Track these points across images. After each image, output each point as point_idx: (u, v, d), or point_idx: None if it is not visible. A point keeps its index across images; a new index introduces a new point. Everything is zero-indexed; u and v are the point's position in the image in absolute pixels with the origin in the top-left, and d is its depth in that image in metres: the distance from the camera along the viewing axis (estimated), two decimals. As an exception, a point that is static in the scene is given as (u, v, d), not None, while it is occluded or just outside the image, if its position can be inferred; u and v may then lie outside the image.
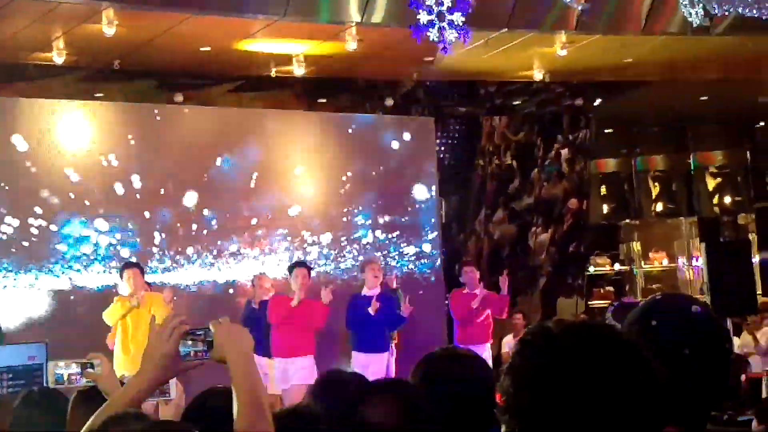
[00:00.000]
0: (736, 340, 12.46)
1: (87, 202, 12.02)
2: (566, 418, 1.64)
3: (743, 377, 10.80)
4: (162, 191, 12.46)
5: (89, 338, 10.29)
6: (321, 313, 11.09)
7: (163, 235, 12.41)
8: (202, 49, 12.21)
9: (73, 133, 12.03)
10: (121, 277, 10.79)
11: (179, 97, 13.30)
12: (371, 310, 11.29)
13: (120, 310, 10.55)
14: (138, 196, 12.29)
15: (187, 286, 12.48)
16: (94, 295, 11.78)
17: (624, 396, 1.65)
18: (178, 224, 12.52)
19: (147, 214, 12.31)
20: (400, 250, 13.90)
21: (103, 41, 11.20)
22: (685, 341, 2.14)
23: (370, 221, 13.73)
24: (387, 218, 13.85)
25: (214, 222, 12.73)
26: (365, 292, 11.60)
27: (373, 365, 11.11)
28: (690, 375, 2.12)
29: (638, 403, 1.65)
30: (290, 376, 10.82)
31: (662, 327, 2.20)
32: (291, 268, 11.42)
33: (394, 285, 12.15)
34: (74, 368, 3.38)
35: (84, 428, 2.75)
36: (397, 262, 13.65)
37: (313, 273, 11.70)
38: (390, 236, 13.86)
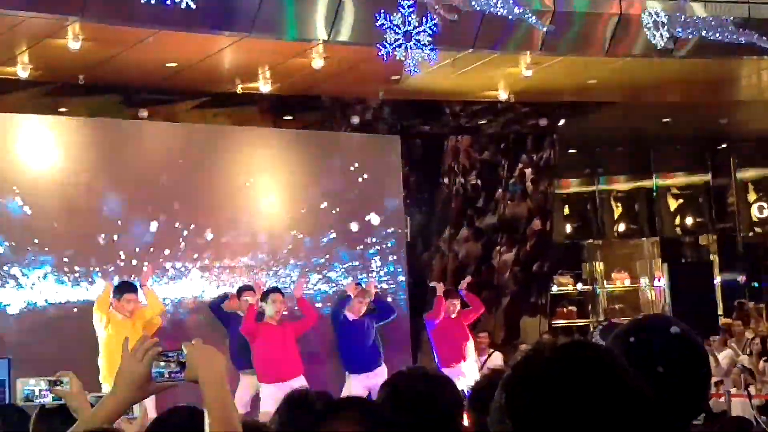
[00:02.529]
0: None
1: (48, 217, 11.90)
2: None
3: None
4: (125, 207, 12.37)
5: (55, 355, 10.22)
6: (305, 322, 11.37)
7: (126, 252, 12.30)
8: (167, 65, 12.17)
9: (36, 148, 11.92)
10: (119, 298, 10.95)
11: (144, 113, 13.25)
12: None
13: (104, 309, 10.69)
14: (103, 211, 12.19)
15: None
16: (57, 310, 11.68)
17: (616, 418, 1.67)
18: (142, 240, 12.43)
19: (110, 231, 12.20)
20: (365, 268, 13.88)
21: (68, 56, 11.16)
22: (660, 359, 2.17)
23: (334, 239, 13.71)
24: (351, 236, 13.83)
25: (179, 238, 12.65)
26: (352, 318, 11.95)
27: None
28: (663, 393, 2.16)
29: (628, 426, 1.68)
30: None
31: (639, 344, 2.25)
32: (265, 294, 11.54)
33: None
34: (43, 385, 3.35)
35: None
36: (360, 280, 13.60)
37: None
38: (354, 254, 13.83)
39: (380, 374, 11.33)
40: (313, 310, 12.05)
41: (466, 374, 11.80)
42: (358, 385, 11.40)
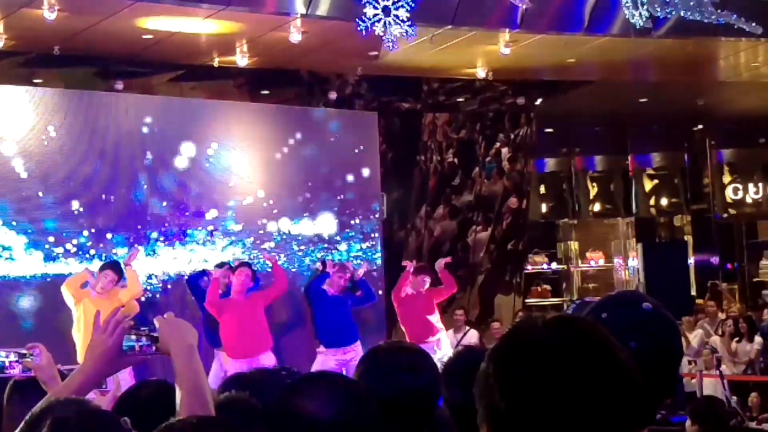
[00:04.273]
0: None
1: (23, 187, 11.81)
2: (538, 406, 1.66)
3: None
4: (99, 178, 12.29)
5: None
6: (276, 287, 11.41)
7: (100, 222, 12.24)
8: (143, 36, 12.08)
9: (12, 118, 11.82)
10: (100, 272, 10.86)
11: (119, 85, 13.15)
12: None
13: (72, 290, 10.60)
14: (73, 182, 12.10)
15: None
16: (34, 281, 11.63)
17: (598, 395, 1.67)
18: (116, 212, 12.37)
19: (82, 201, 12.13)
20: (341, 244, 13.87)
21: (43, 26, 11.04)
22: (632, 336, 2.17)
23: (309, 215, 13.68)
24: (327, 212, 13.81)
25: (154, 211, 12.60)
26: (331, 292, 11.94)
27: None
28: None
29: (612, 404, 1.67)
30: None
31: (611, 320, 2.23)
32: (234, 268, 11.50)
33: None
34: (12, 356, 3.33)
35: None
36: (337, 256, 13.59)
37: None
38: (330, 230, 13.82)
39: (356, 351, 11.31)
40: (285, 276, 12.00)
41: (441, 347, 11.82)
42: (331, 360, 11.37)
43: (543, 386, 1.65)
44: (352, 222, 13.99)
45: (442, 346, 11.90)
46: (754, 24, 12.96)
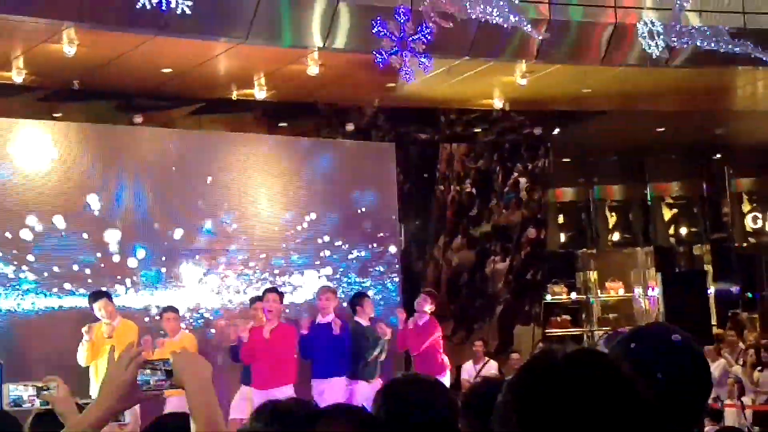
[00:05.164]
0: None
1: (43, 221, 11.87)
2: None
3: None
4: (120, 212, 12.35)
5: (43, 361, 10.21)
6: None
7: (122, 256, 12.29)
8: (163, 70, 12.17)
9: (31, 153, 11.90)
10: (92, 307, 10.77)
11: (139, 119, 13.24)
12: (336, 329, 11.34)
13: (90, 350, 10.52)
14: (96, 214, 12.17)
15: (145, 307, 12.38)
16: (50, 315, 11.66)
17: (614, 427, 1.68)
18: (137, 245, 12.42)
19: (105, 236, 12.19)
20: (359, 275, 13.88)
21: (63, 61, 11.15)
22: (660, 366, 2.18)
23: (329, 246, 13.70)
24: (346, 244, 13.83)
25: (175, 243, 12.64)
26: (320, 320, 11.65)
27: (331, 390, 11.09)
28: (662, 400, 2.17)
29: None
30: None
31: (640, 350, 2.26)
32: (260, 295, 11.47)
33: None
34: (31, 390, 3.34)
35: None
36: (357, 287, 13.58)
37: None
38: (349, 261, 13.84)
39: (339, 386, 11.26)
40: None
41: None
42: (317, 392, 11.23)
43: (561, 417, 1.66)
44: (371, 252, 13.98)
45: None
46: (770, 53, 12.97)
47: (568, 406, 1.67)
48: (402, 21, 11.44)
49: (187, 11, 10.47)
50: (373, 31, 11.37)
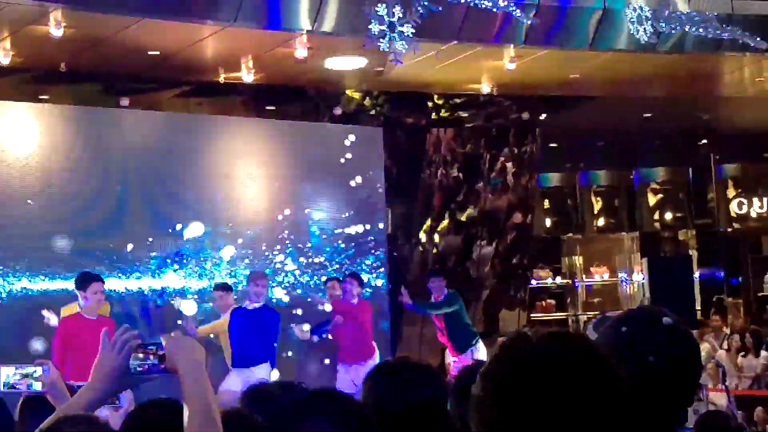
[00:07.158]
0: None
1: (30, 201, 11.82)
2: (536, 422, 1.67)
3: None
4: (106, 196, 12.31)
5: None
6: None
7: (109, 239, 12.25)
8: (150, 53, 12.12)
9: (18, 135, 11.85)
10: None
11: (125, 101, 13.19)
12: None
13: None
14: (81, 200, 12.12)
15: (127, 290, 12.35)
16: (38, 298, 11.62)
17: (592, 408, 1.68)
18: (121, 228, 12.38)
19: (90, 218, 12.15)
20: (346, 260, 13.88)
21: (50, 43, 11.09)
22: (651, 349, 2.19)
23: (315, 230, 13.70)
24: (333, 227, 13.82)
25: (158, 227, 12.62)
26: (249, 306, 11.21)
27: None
28: (653, 382, 2.18)
29: (606, 417, 1.69)
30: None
31: (630, 334, 2.27)
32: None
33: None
34: (21, 374, 3.34)
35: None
36: (343, 271, 13.59)
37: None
38: (335, 245, 13.84)
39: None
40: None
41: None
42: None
43: (538, 401, 1.67)
44: (357, 236, 13.99)
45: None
46: (758, 39, 12.98)
47: (546, 389, 1.67)
48: (390, 4, 11.40)
49: (175, -7, 10.44)
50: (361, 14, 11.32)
